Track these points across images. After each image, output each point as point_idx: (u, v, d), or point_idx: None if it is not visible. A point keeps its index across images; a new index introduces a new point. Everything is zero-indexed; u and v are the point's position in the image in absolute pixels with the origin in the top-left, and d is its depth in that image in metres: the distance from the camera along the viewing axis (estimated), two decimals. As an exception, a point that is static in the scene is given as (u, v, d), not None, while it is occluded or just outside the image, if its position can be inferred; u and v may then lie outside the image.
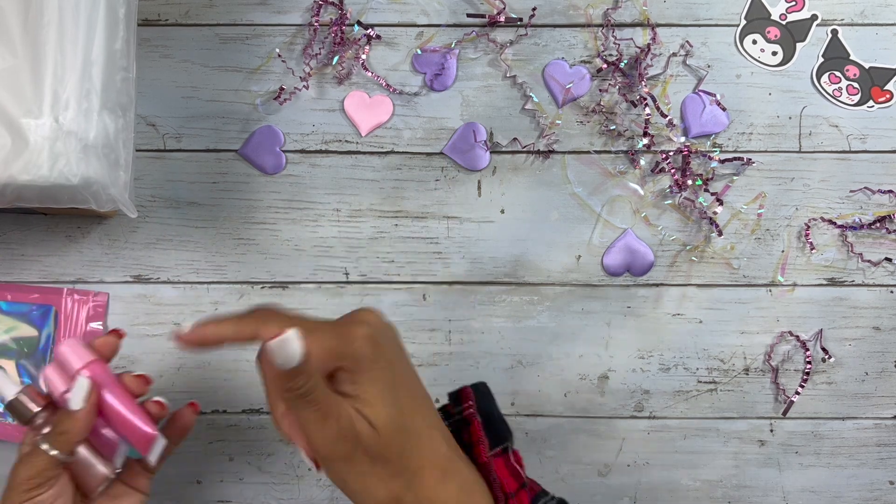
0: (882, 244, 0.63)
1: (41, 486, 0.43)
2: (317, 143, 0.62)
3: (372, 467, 0.39)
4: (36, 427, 0.45)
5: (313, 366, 0.38)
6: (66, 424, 0.43)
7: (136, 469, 0.48)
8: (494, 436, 0.44)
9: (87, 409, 0.44)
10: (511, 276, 0.62)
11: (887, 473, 0.62)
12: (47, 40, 0.49)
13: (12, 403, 0.45)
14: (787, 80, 0.63)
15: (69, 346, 0.45)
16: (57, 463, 0.43)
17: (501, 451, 0.43)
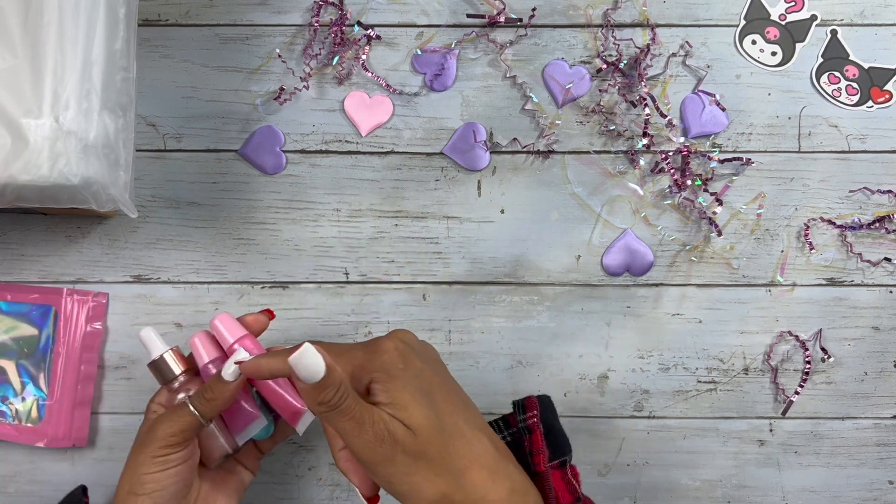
0: (881, 244, 0.63)
1: (178, 445, 0.44)
2: (317, 144, 0.62)
3: (415, 467, 0.39)
4: (172, 389, 0.48)
5: (339, 377, 0.39)
6: (216, 391, 0.45)
7: (251, 449, 0.51)
8: (554, 448, 0.45)
9: (239, 381, 0.45)
10: (511, 276, 0.62)
11: (887, 473, 0.62)
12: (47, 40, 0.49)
13: (157, 362, 0.48)
14: (786, 81, 0.63)
15: (223, 320, 0.48)
16: (198, 425, 0.45)
17: (559, 464, 0.44)
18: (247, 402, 0.48)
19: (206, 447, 0.48)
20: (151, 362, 0.48)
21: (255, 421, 0.48)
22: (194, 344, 0.49)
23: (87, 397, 0.60)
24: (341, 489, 0.62)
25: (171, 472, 0.44)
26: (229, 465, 0.50)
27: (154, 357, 0.48)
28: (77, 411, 0.60)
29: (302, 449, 0.62)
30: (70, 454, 0.61)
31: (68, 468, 0.61)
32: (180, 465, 0.44)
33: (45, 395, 0.59)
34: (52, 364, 0.59)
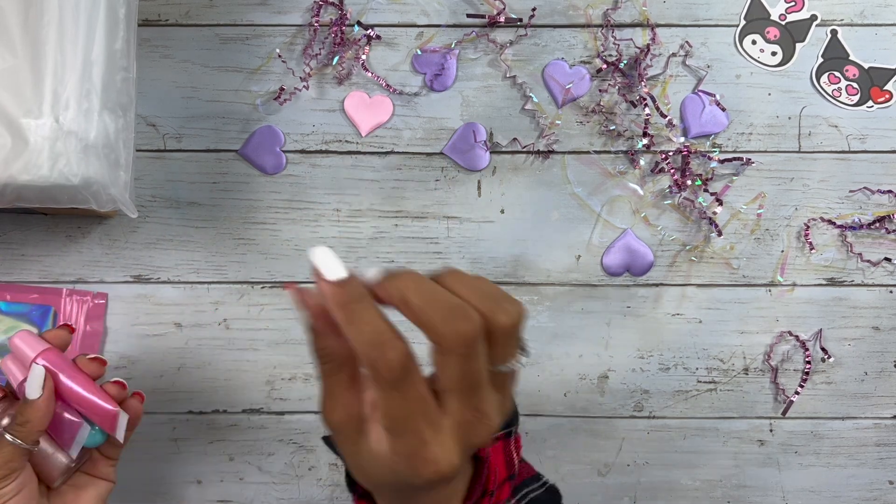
0: (881, 244, 0.63)
1: (5, 479, 0.43)
2: (317, 144, 0.62)
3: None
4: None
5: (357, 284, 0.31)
6: (27, 414, 0.43)
7: (98, 458, 0.49)
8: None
9: (46, 395, 0.44)
10: (511, 276, 0.62)
11: (887, 473, 0.62)
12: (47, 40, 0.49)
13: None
14: (786, 81, 0.63)
15: (22, 337, 0.45)
16: (21, 454, 0.43)
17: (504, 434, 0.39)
18: (67, 411, 0.46)
19: (42, 469, 0.45)
20: None
21: (80, 429, 0.46)
22: (5, 367, 0.46)
23: (87, 397, 0.60)
24: (341, 489, 0.62)
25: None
26: (80, 480, 0.48)
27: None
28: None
29: (302, 449, 0.62)
30: (70, 454, 0.61)
31: (68, 468, 0.61)
32: (13, 497, 0.43)
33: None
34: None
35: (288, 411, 0.62)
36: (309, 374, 0.62)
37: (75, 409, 0.46)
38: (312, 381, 0.62)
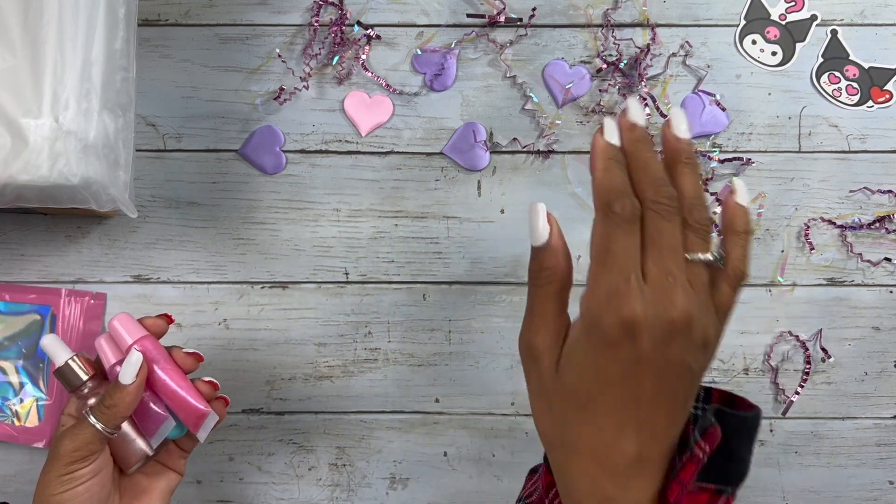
0: (881, 244, 0.63)
1: (84, 460, 0.43)
2: (317, 143, 0.62)
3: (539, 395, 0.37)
4: (82, 396, 0.45)
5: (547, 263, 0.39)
6: (114, 398, 0.43)
7: (173, 449, 0.49)
8: (718, 473, 0.39)
9: (137, 383, 0.43)
10: (511, 276, 0.62)
11: (887, 473, 0.62)
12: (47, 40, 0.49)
13: (62, 369, 0.45)
14: (786, 80, 0.63)
15: (122, 320, 0.45)
16: (102, 437, 0.43)
17: (715, 491, 0.39)
18: (154, 402, 0.45)
19: (120, 454, 0.45)
20: (56, 370, 0.45)
21: (164, 423, 0.45)
22: (99, 346, 0.46)
23: (87, 397, 0.60)
24: (341, 489, 0.62)
25: (80, 489, 0.42)
26: (153, 468, 0.48)
27: (58, 365, 0.45)
28: (77, 411, 0.60)
29: (302, 449, 0.62)
30: (70, 454, 0.61)
31: (68, 468, 0.61)
32: (89, 479, 0.43)
33: (45, 395, 0.59)
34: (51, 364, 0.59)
35: (288, 411, 0.62)
36: (308, 374, 0.62)
37: (163, 401, 0.45)
38: (312, 381, 0.62)
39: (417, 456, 0.62)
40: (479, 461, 0.62)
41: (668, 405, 0.35)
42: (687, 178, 0.37)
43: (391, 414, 0.62)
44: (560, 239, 0.37)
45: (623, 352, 0.34)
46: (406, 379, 0.62)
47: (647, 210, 0.35)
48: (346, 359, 0.62)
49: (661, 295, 0.33)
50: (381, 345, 0.62)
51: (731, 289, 0.36)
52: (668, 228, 0.34)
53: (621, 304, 0.34)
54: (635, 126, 0.36)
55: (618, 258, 0.34)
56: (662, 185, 0.35)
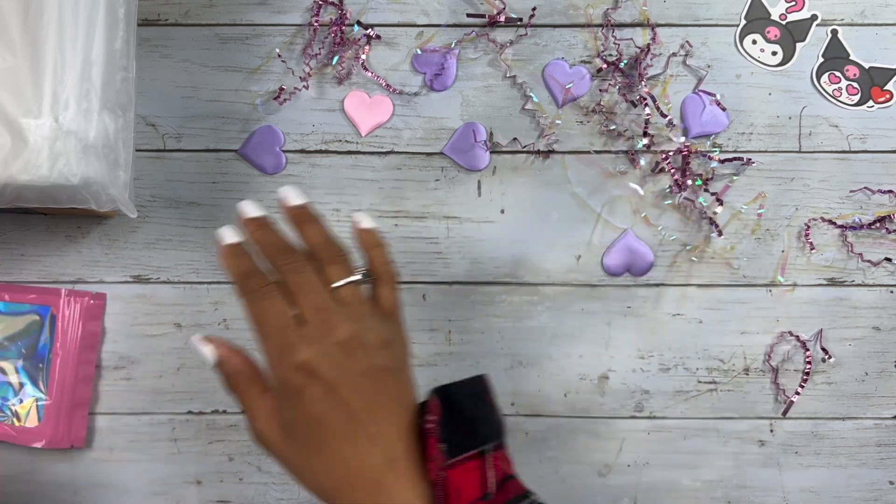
0: (882, 244, 0.63)
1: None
2: (317, 143, 0.62)
3: (285, 465, 0.41)
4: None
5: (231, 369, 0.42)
6: None
7: None
8: (470, 439, 0.41)
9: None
10: (511, 276, 0.62)
11: (887, 473, 0.62)
12: (47, 40, 0.49)
13: None
14: (786, 80, 0.63)
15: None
16: None
17: (478, 454, 0.41)
18: None
19: None
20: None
21: None
22: None
23: (86, 398, 0.60)
24: (341, 490, 0.62)
25: None
26: None
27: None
28: (75, 412, 0.60)
29: (302, 449, 0.61)
30: (69, 455, 0.61)
31: (67, 469, 0.61)
32: None
33: (45, 395, 0.59)
34: (51, 365, 0.59)
35: (288, 411, 0.62)
36: (309, 375, 0.62)
37: None
38: (312, 382, 0.62)
39: (417, 456, 0.62)
40: (479, 461, 0.62)
41: (383, 406, 0.40)
42: (310, 230, 0.43)
43: (391, 414, 0.62)
44: (223, 347, 0.42)
45: (315, 390, 0.39)
46: (406, 379, 0.62)
47: (281, 273, 0.41)
48: (346, 359, 0.62)
49: (321, 328, 0.39)
50: (381, 345, 0.62)
51: (388, 289, 0.44)
52: (303, 277, 0.40)
53: (290, 356, 0.39)
54: (250, 220, 0.43)
55: (271, 323, 0.39)
56: (282, 250, 0.42)
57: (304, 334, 0.39)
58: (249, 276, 0.41)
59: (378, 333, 0.41)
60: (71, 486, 0.61)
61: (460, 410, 0.42)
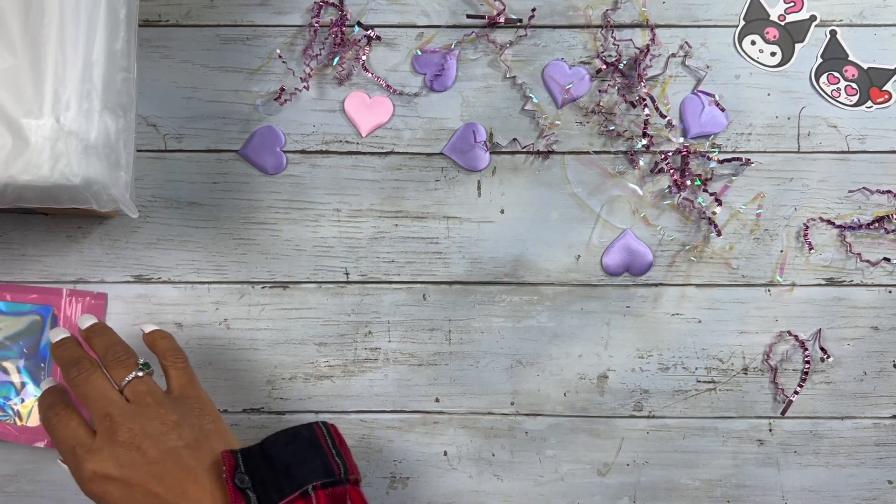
0: (880, 244, 0.63)
1: None
2: (317, 144, 0.63)
3: None
4: None
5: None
6: None
7: None
8: (288, 483, 0.44)
9: None
10: (511, 276, 0.62)
11: (886, 473, 0.62)
12: (48, 40, 0.49)
13: None
14: (785, 81, 0.63)
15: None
16: None
17: (301, 495, 0.43)
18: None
19: None
20: None
21: None
22: None
23: (88, 397, 0.60)
24: (341, 489, 0.62)
25: None
26: None
27: None
28: (77, 411, 0.60)
29: (302, 449, 0.62)
30: (70, 454, 0.61)
31: (69, 468, 0.61)
32: None
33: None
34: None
35: (288, 411, 0.62)
36: (309, 374, 0.62)
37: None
38: (313, 381, 0.62)
39: (417, 455, 0.62)
40: (478, 461, 0.62)
41: (188, 479, 0.44)
42: (97, 342, 0.50)
43: (391, 413, 0.62)
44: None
45: (114, 491, 0.44)
46: (406, 379, 0.62)
47: (73, 387, 0.47)
48: (346, 358, 0.62)
49: (105, 434, 0.45)
50: (382, 344, 0.62)
51: (176, 371, 0.50)
52: (89, 385, 0.46)
53: (82, 470, 0.44)
54: (54, 345, 0.50)
55: (65, 444, 0.46)
56: (72, 362, 0.48)
57: (92, 447, 0.45)
58: (50, 407, 0.47)
59: (166, 418, 0.46)
60: (72, 485, 0.61)
61: (275, 457, 0.45)
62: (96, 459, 0.44)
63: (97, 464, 0.44)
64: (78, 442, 0.45)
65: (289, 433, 0.47)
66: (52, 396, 0.48)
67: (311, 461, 0.45)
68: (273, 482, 0.44)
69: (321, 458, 0.46)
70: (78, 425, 0.46)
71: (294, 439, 0.46)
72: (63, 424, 0.46)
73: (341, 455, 0.46)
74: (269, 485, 0.43)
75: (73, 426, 0.46)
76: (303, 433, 0.47)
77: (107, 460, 0.44)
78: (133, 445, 0.44)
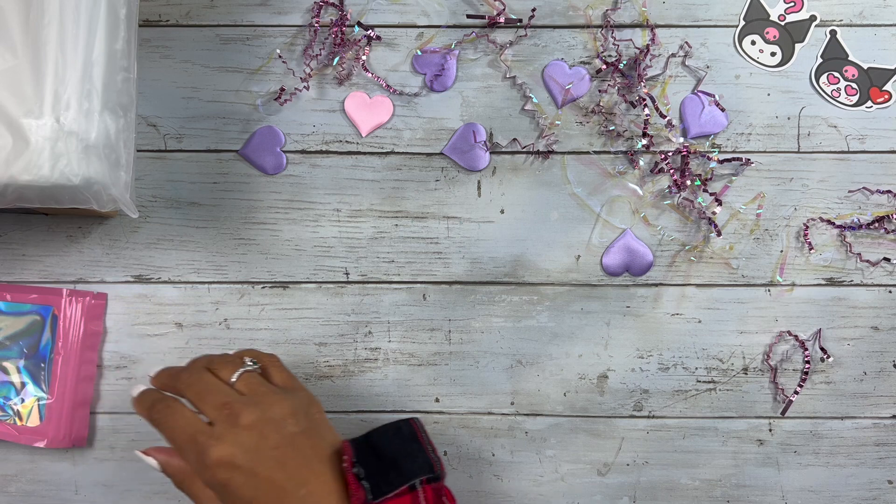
0: (880, 244, 0.63)
1: None
2: (317, 144, 0.63)
3: None
4: None
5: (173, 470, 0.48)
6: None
7: None
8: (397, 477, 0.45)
9: None
10: (511, 276, 0.62)
11: (886, 473, 0.63)
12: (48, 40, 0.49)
13: None
14: (785, 81, 0.63)
15: None
16: None
17: (409, 489, 0.45)
18: None
19: None
20: None
21: None
22: None
23: (87, 397, 0.60)
24: (341, 489, 0.62)
25: None
26: None
27: None
28: (77, 411, 0.60)
29: (302, 448, 0.62)
30: (70, 454, 0.61)
31: (69, 468, 0.61)
32: None
33: (46, 395, 0.59)
34: (53, 364, 0.59)
35: (288, 411, 0.62)
36: (309, 374, 0.62)
37: None
38: (313, 381, 0.62)
39: (417, 455, 0.62)
40: (478, 461, 0.62)
41: (306, 468, 0.44)
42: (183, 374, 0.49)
43: (391, 413, 0.62)
44: (161, 454, 0.48)
45: (238, 479, 0.43)
46: (406, 379, 0.62)
47: (182, 391, 0.47)
48: (346, 358, 0.62)
49: (227, 422, 0.44)
50: (382, 344, 0.62)
51: (276, 369, 0.50)
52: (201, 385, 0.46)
53: (206, 457, 0.43)
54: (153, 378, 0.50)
55: (182, 435, 0.45)
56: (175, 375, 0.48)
57: (214, 433, 0.44)
58: (154, 404, 0.47)
59: (282, 405, 0.46)
60: (72, 485, 0.61)
61: (382, 450, 0.46)
62: (221, 446, 0.43)
63: (223, 450, 0.43)
64: (197, 430, 0.44)
65: (392, 427, 0.48)
66: (151, 394, 0.48)
67: (415, 455, 0.46)
68: (382, 474, 0.44)
69: (423, 454, 0.47)
70: (192, 415, 0.45)
71: (398, 434, 0.47)
72: (177, 415, 0.45)
73: (435, 451, 0.48)
74: (379, 476, 0.44)
75: (187, 416, 0.45)
76: (404, 428, 0.48)
77: (232, 445, 0.43)
78: (256, 429, 0.44)
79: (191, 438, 0.44)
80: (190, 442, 0.44)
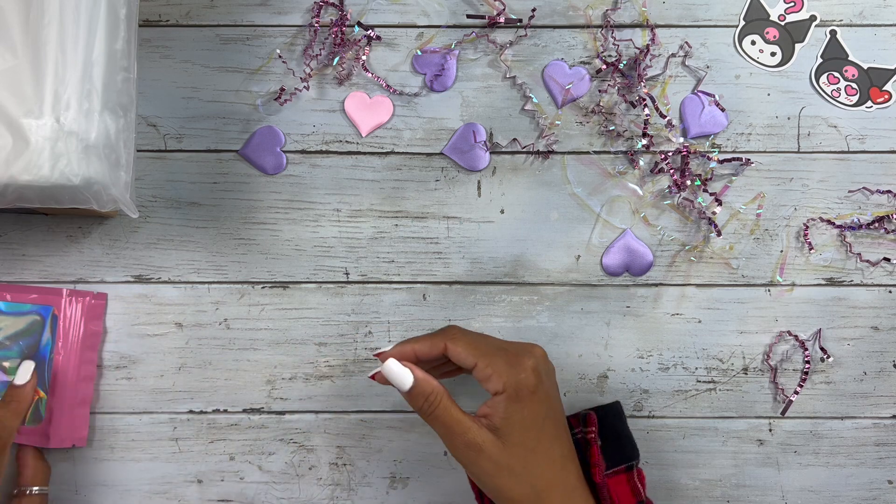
0: (880, 244, 0.63)
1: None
2: (317, 144, 0.63)
3: (498, 473, 0.45)
4: None
5: (428, 390, 0.46)
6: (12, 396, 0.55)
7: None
8: (620, 454, 0.51)
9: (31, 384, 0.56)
10: (511, 276, 0.62)
11: (886, 473, 0.63)
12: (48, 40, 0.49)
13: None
14: (785, 81, 0.63)
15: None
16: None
17: (626, 468, 0.50)
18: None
19: None
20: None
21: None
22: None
23: (87, 397, 0.60)
24: (341, 489, 0.62)
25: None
26: None
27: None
28: (77, 411, 0.60)
29: (302, 449, 0.62)
30: (70, 454, 0.61)
31: (69, 468, 0.61)
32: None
33: (46, 395, 0.59)
34: (52, 364, 0.59)
35: (288, 411, 0.62)
36: (309, 374, 0.62)
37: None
38: (313, 381, 0.62)
39: (418, 455, 0.62)
40: (478, 460, 0.62)
41: (562, 418, 0.49)
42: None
43: (391, 413, 0.62)
44: (419, 371, 0.46)
45: (542, 391, 0.46)
46: (406, 378, 0.62)
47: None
48: (346, 358, 0.62)
49: (525, 345, 0.48)
50: (382, 344, 0.62)
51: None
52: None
53: (522, 365, 0.46)
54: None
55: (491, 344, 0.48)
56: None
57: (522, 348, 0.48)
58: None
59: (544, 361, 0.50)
60: (72, 484, 0.61)
61: (610, 428, 0.51)
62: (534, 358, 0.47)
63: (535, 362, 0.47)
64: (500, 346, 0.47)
65: (613, 408, 0.53)
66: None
67: (631, 438, 0.52)
68: (614, 450, 0.49)
69: (630, 435, 0.53)
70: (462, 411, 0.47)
71: (618, 416, 0.53)
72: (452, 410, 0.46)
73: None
74: (613, 451, 0.49)
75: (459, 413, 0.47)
76: (621, 412, 0.54)
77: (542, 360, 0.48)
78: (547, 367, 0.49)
79: (500, 345, 0.47)
80: (500, 349, 0.46)
